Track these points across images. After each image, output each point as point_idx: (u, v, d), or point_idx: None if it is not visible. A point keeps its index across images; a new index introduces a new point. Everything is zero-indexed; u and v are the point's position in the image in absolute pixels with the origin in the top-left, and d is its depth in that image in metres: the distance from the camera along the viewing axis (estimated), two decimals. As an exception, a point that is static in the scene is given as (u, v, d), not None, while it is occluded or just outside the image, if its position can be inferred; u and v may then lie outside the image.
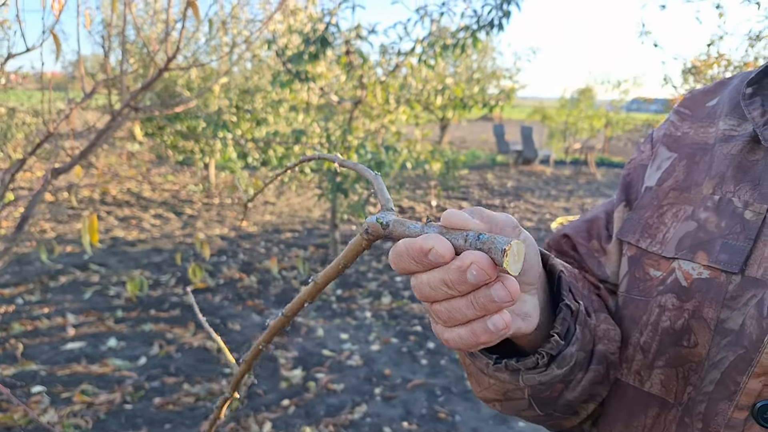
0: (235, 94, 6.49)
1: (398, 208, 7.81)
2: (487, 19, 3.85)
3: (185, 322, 3.78)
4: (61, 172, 2.30)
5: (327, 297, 4.36)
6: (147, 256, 5.28)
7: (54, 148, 2.93)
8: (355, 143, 3.95)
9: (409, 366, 3.29)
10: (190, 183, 9.30)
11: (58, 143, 2.25)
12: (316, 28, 3.69)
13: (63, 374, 3.07)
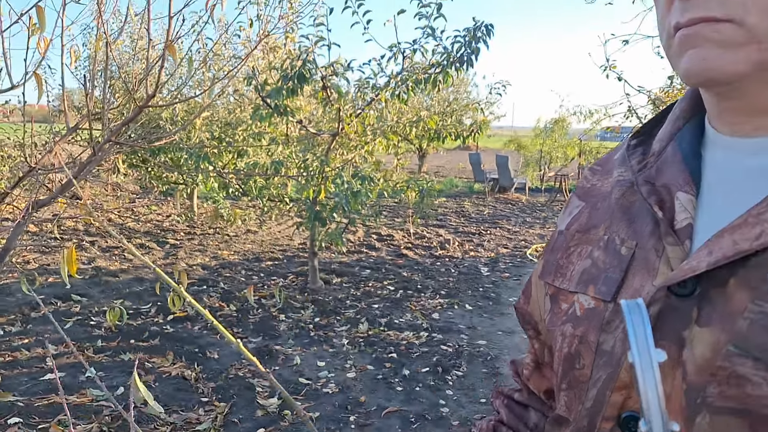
0: (218, 126, 6.62)
1: (377, 236, 7.93)
2: (456, 56, 4.04)
3: (164, 351, 3.83)
4: (42, 205, 2.39)
5: (305, 324, 4.44)
6: (128, 286, 5.32)
7: (35, 181, 3.03)
8: (332, 174, 4.08)
9: (385, 393, 3.37)
10: (173, 213, 9.36)
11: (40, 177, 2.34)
12: (294, 65, 3.84)
13: (40, 405, 3.11)
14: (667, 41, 0.51)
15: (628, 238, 0.58)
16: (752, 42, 0.45)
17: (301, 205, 5.05)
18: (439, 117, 5.37)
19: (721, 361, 0.46)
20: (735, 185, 0.52)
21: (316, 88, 4.21)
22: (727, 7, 0.45)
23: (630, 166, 0.62)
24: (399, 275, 5.95)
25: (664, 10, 0.51)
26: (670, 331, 0.49)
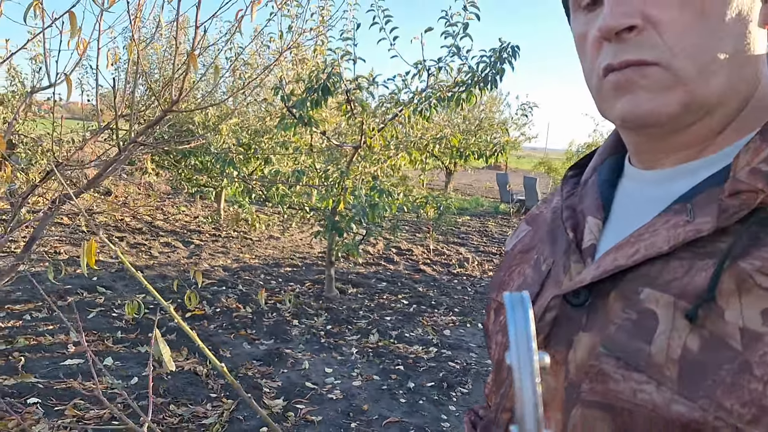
0: (248, 133, 6.81)
1: (396, 250, 8.00)
2: (481, 75, 4.12)
3: (179, 347, 3.95)
4: (69, 199, 2.54)
5: (317, 331, 4.52)
6: (152, 282, 5.49)
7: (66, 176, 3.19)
8: (351, 186, 4.18)
9: (388, 403, 3.42)
10: (200, 215, 9.58)
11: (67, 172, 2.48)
12: (320, 77, 3.97)
13: (59, 388, 3.25)
14: (597, 83, 0.55)
15: (548, 257, 0.65)
16: (679, 84, 0.50)
17: (321, 214, 5.16)
18: (462, 135, 5.44)
19: (593, 360, 0.52)
20: (636, 212, 0.58)
21: (340, 100, 4.33)
22: (656, 51, 0.50)
23: (561, 195, 0.69)
24: (414, 290, 6.00)
25: (593, 52, 0.55)
26: (562, 336, 0.56)
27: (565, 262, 0.61)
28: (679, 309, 0.48)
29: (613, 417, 0.50)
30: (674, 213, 0.52)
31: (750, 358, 0.44)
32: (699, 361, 0.46)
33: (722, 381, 0.44)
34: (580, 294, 0.55)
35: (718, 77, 0.50)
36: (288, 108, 4.19)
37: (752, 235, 0.47)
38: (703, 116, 0.52)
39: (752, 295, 0.45)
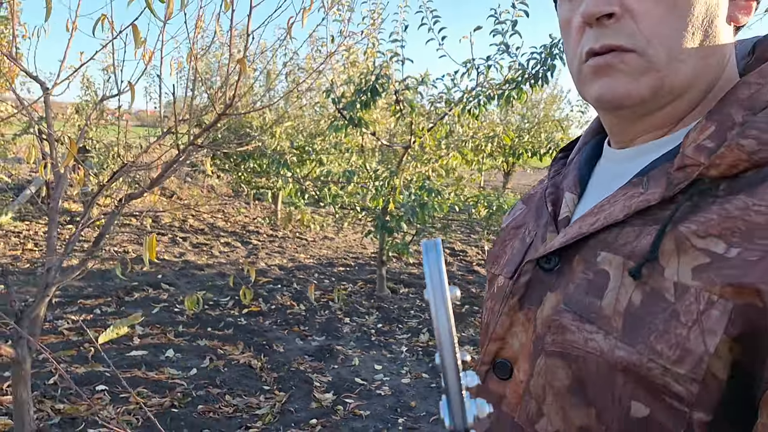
0: (303, 136, 6.98)
1: (450, 251, 7.99)
2: (531, 72, 4.09)
3: (236, 341, 4.11)
4: (133, 198, 2.71)
5: (367, 329, 4.60)
6: (212, 279, 5.73)
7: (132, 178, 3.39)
8: (401, 186, 4.24)
9: (436, 401, 3.45)
10: (259, 216, 9.87)
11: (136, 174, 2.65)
12: (368, 79, 4.05)
13: (124, 377, 3.45)
14: (578, 66, 0.60)
15: (532, 230, 0.72)
16: (652, 70, 0.55)
17: (372, 214, 5.24)
18: (515, 133, 5.40)
19: (555, 315, 0.59)
20: (605, 186, 0.65)
21: (390, 101, 4.40)
22: (633, 39, 0.55)
23: (548, 176, 0.77)
24: (467, 291, 6.00)
25: (576, 37, 0.60)
26: (534, 296, 0.63)
27: (543, 233, 0.68)
28: (627, 268, 0.55)
29: (569, 364, 0.57)
30: (632, 186, 0.59)
31: (679, 307, 0.50)
32: (639, 313, 0.52)
33: (656, 328, 0.51)
34: (551, 259, 0.63)
35: (686, 65, 0.56)
36: (339, 110, 4.29)
37: (692, 203, 0.53)
38: (671, 100, 0.58)
39: (688, 255, 0.51)
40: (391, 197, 4.40)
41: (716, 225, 0.50)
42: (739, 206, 0.50)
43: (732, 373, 0.48)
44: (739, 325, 0.47)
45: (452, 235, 9.00)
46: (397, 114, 4.31)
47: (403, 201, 4.31)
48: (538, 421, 0.60)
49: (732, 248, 0.49)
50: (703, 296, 0.49)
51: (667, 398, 0.50)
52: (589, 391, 0.55)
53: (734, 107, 0.54)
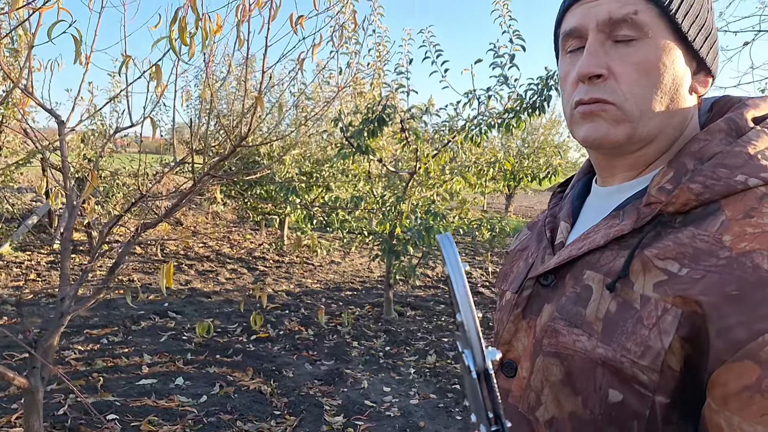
0: (310, 163, 7.10)
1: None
2: (529, 102, 4.21)
3: (245, 367, 4.16)
4: (148, 227, 2.79)
5: (375, 352, 4.64)
6: (219, 307, 5.78)
7: (144, 207, 3.48)
8: (407, 210, 4.32)
9: (444, 420, 3.49)
10: (265, 242, 9.95)
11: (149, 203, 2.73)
12: (375, 109, 4.16)
13: (135, 406, 3.50)
14: (570, 111, 0.74)
15: (534, 252, 0.85)
16: (626, 120, 0.69)
17: (379, 238, 5.32)
18: (515, 159, 5.50)
19: (550, 322, 0.73)
20: (592, 217, 0.79)
21: (395, 129, 4.51)
22: (614, 95, 0.69)
23: (548, 207, 0.91)
24: (472, 312, 6.03)
25: (571, 89, 0.73)
26: (535, 308, 0.77)
27: (543, 255, 0.82)
28: (605, 284, 0.68)
29: (561, 361, 0.70)
30: (611, 218, 0.73)
31: (642, 313, 0.63)
32: (614, 318, 0.66)
33: (626, 330, 0.64)
34: (548, 277, 0.77)
35: (654, 120, 0.70)
36: (346, 138, 4.40)
37: (656, 232, 0.67)
38: (641, 147, 0.73)
39: (651, 273, 0.64)
40: (398, 221, 4.49)
41: (672, 250, 0.64)
42: (689, 236, 0.64)
43: (684, 365, 0.61)
44: (686, 327, 0.60)
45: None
46: (402, 142, 4.42)
47: (409, 225, 4.39)
48: (537, 409, 0.73)
49: (683, 268, 0.62)
50: (660, 305, 0.62)
51: (636, 385, 0.63)
52: (577, 382, 0.68)
53: (687, 158, 0.69)
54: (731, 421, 0.57)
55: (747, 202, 0.63)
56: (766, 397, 0.55)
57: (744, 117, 0.71)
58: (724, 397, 0.58)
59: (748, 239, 0.60)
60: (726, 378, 0.57)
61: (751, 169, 0.65)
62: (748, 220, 0.61)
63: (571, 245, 0.75)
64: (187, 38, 2.14)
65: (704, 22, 0.73)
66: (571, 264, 0.74)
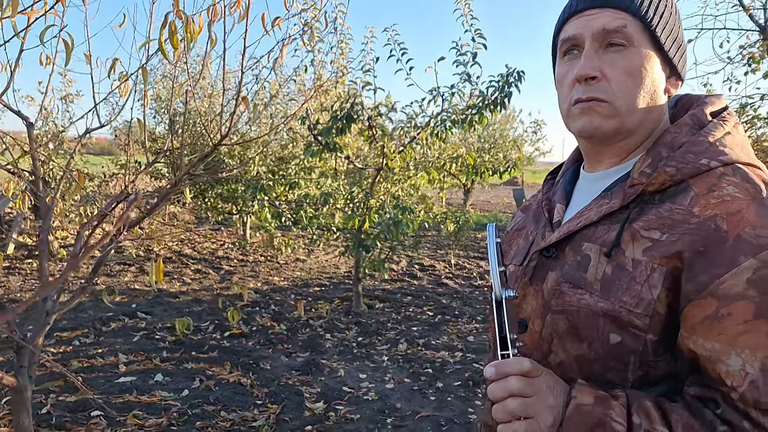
0: (272, 161, 7.17)
1: (419, 266, 8.26)
2: (491, 99, 4.43)
3: (222, 362, 4.24)
4: (133, 225, 2.86)
5: (349, 342, 4.79)
6: (188, 306, 5.81)
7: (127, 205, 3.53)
8: (376, 206, 4.48)
9: (419, 401, 3.68)
10: (227, 242, 9.94)
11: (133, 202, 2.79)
12: (344, 107, 4.31)
13: (117, 402, 3.55)
14: (567, 107, 0.90)
15: (533, 231, 1.03)
16: (616, 115, 0.86)
17: (346, 234, 5.46)
18: (477, 154, 5.74)
19: (556, 286, 0.89)
20: (583, 199, 0.96)
21: (362, 126, 4.66)
22: (606, 94, 0.85)
23: (543, 191, 1.09)
24: (438, 302, 6.26)
25: (569, 89, 0.89)
26: (540, 275, 0.93)
27: (543, 232, 0.99)
28: (602, 252, 0.85)
29: (567, 316, 0.87)
30: (601, 198, 0.90)
31: (635, 274, 0.81)
32: (611, 279, 0.83)
33: (621, 287, 0.82)
34: (550, 250, 0.93)
35: (637, 115, 0.87)
36: (314, 136, 4.52)
37: (639, 208, 0.84)
38: (626, 137, 0.90)
39: (639, 241, 0.82)
40: (367, 216, 4.64)
41: (654, 222, 0.81)
42: (667, 209, 0.81)
43: (667, 309, 0.79)
44: (669, 281, 0.78)
45: (420, 251, 9.27)
46: (369, 139, 4.58)
47: (377, 220, 4.55)
48: (549, 356, 0.89)
49: (664, 234, 0.79)
50: (649, 266, 0.79)
51: (631, 329, 0.80)
52: (582, 331, 0.85)
53: (662, 147, 0.86)
54: (696, 342, 0.76)
55: (710, 180, 0.80)
56: (720, 322, 0.74)
57: (704, 112, 0.89)
58: (692, 326, 0.76)
59: (711, 207, 0.77)
60: (693, 312, 0.76)
61: (712, 153, 0.82)
62: (711, 193, 0.79)
63: (569, 222, 0.91)
64: (177, 41, 2.24)
65: (677, 36, 0.90)
66: (569, 238, 0.90)
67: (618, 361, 0.82)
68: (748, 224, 0.75)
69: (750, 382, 0.72)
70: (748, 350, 0.72)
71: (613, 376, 0.83)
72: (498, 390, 0.79)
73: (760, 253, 0.73)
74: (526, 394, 0.78)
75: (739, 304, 0.73)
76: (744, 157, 0.84)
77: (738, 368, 0.73)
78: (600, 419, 0.76)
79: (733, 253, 0.74)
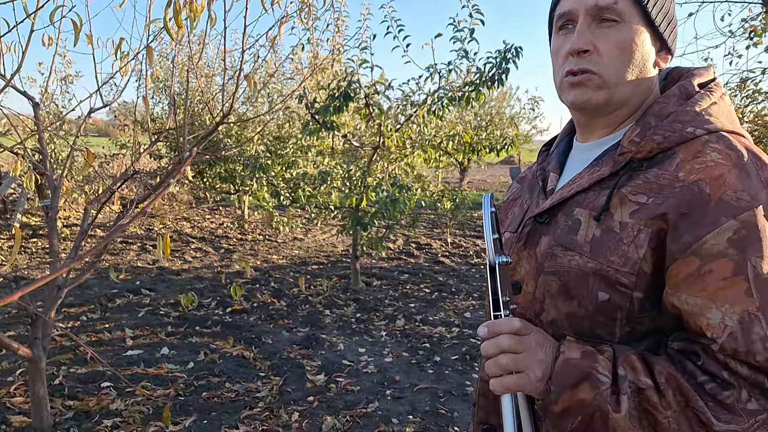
0: (269, 140, 7.23)
1: (416, 245, 8.37)
2: (488, 75, 4.49)
3: (225, 336, 4.36)
4: (140, 202, 2.95)
5: (348, 318, 4.92)
6: (190, 283, 5.92)
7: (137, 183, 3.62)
8: (373, 183, 4.56)
9: (417, 374, 3.80)
10: (226, 221, 10.02)
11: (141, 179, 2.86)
12: (341, 85, 4.36)
13: (125, 374, 3.66)
14: (560, 79, 0.95)
15: (528, 199, 1.09)
16: (606, 87, 0.90)
17: (344, 212, 5.55)
18: (473, 132, 5.80)
19: (548, 249, 0.95)
20: (576, 168, 1.01)
21: (359, 105, 4.72)
22: (597, 66, 0.90)
23: (537, 162, 1.15)
24: (435, 279, 6.38)
25: (562, 61, 0.94)
26: (534, 240, 0.99)
27: (537, 200, 1.04)
28: (592, 216, 0.91)
29: (559, 276, 0.93)
30: (592, 166, 0.95)
31: (623, 235, 0.86)
32: (600, 240, 0.88)
33: (609, 248, 0.87)
34: (543, 216, 0.98)
35: (626, 88, 0.92)
36: (312, 114, 4.58)
37: (628, 175, 0.89)
38: (616, 108, 0.94)
39: (626, 205, 0.87)
40: (364, 195, 4.72)
41: (642, 186, 0.86)
42: (654, 175, 0.86)
43: (653, 269, 0.84)
44: (654, 241, 0.83)
45: (416, 230, 9.38)
46: (366, 117, 4.64)
47: (375, 198, 4.64)
48: (541, 314, 0.95)
49: (650, 199, 0.84)
50: (635, 227, 0.85)
51: (618, 287, 0.86)
52: (572, 290, 0.90)
53: (650, 117, 0.91)
54: (680, 298, 0.81)
55: (695, 147, 0.85)
56: (703, 279, 0.79)
57: (692, 83, 0.92)
58: (676, 283, 0.81)
59: (696, 172, 0.82)
60: (677, 270, 0.81)
61: (698, 122, 0.87)
62: (696, 159, 0.83)
63: (561, 190, 0.96)
64: (181, 20, 2.30)
65: (668, 11, 0.93)
66: (562, 204, 0.95)
67: (606, 317, 0.87)
68: (730, 188, 0.79)
69: (729, 333, 0.76)
70: (727, 304, 0.77)
71: (602, 331, 0.88)
72: (490, 347, 0.85)
73: (741, 214, 0.78)
74: (516, 351, 0.83)
75: (719, 261, 0.78)
76: (728, 125, 0.88)
77: (718, 321, 0.77)
78: (586, 372, 0.81)
79: (715, 214, 0.79)
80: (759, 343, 0.75)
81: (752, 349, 0.75)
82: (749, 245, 0.78)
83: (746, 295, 0.77)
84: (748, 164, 0.82)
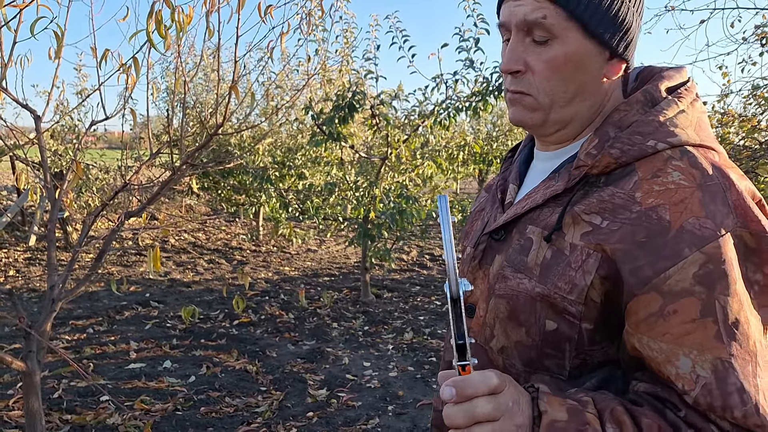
0: (281, 151, 7.22)
1: (430, 256, 8.27)
2: (495, 85, 4.41)
3: (229, 349, 4.31)
4: (132, 215, 2.92)
5: (355, 331, 4.84)
6: (200, 295, 5.90)
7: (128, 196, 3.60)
8: (381, 195, 4.50)
9: (421, 389, 3.70)
10: (240, 232, 10.04)
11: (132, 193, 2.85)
12: (345, 96, 4.32)
13: (126, 388, 3.63)
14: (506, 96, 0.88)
15: (489, 212, 0.99)
16: (540, 109, 0.83)
17: (354, 223, 5.49)
18: (484, 142, 5.71)
19: (500, 270, 0.87)
20: (535, 179, 0.92)
21: (366, 116, 4.68)
22: (530, 87, 0.82)
23: (501, 170, 1.06)
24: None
25: (504, 79, 0.87)
26: (489, 259, 0.90)
27: (495, 214, 0.95)
28: (543, 236, 0.82)
29: (507, 301, 0.84)
30: (548, 180, 0.87)
31: (571, 258, 0.78)
32: (549, 263, 0.80)
33: (558, 272, 0.79)
34: (499, 232, 0.90)
35: (565, 109, 0.84)
36: (318, 125, 4.55)
37: (584, 191, 0.81)
38: (560, 128, 0.87)
39: (579, 225, 0.79)
40: (372, 206, 4.66)
41: (596, 206, 0.77)
42: (609, 193, 0.77)
43: (604, 298, 0.76)
44: (604, 269, 0.75)
45: (431, 241, 9.28)
46: (373, 128, 4.59)
47: (382, 209, 4.57)
48: (491, 341, 0.87)
49: (604, 221, 0.76)
50: (584, 251, 0.76)
51: (566, 316, 0.78)
52: (521, 316, 0.82)
53: (610, 127, 0.81)
54: (642, 341, 0.72)
55: (655, 163, 0.76)
56: (666, 321, 0.70)
57: (659, 88, 0.82)
58: (636, 323, 0.72)
59: (654, 195, 0.73)
60: (637, 308, 0.72)
61: (660, 135, 0.77)
62: (655, 179, 0.74)
63: (517, 204, 0.88)
64: (164, 31, 2.27)
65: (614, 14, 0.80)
66: (517, 220, 0.87)
67: (554, 349, 0.80)
68: (692, 214, 0.71)
69: (702, 385, 0.68)
70: (695, 351, 0.68)
71: (551, 363, 0.81)
72: (460, 416, 0.65)
73: (705, 245, 0.69)
74: (494, 418, 0.65)
75: (685, 300, 0.69)
76: (695, 138, 0.78)
77: (688, 370, 0.68)
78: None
79: (676, 244, 0.70)
80: (736, 395, 0.67)
81: (729, 403, 0.67)
82: (717, 282, 0.69)
83: (716, 340, 0.68)
84: (714, 186, 0.73)
